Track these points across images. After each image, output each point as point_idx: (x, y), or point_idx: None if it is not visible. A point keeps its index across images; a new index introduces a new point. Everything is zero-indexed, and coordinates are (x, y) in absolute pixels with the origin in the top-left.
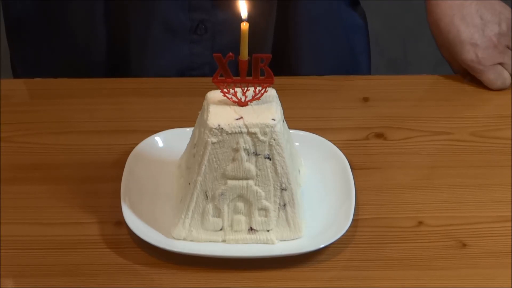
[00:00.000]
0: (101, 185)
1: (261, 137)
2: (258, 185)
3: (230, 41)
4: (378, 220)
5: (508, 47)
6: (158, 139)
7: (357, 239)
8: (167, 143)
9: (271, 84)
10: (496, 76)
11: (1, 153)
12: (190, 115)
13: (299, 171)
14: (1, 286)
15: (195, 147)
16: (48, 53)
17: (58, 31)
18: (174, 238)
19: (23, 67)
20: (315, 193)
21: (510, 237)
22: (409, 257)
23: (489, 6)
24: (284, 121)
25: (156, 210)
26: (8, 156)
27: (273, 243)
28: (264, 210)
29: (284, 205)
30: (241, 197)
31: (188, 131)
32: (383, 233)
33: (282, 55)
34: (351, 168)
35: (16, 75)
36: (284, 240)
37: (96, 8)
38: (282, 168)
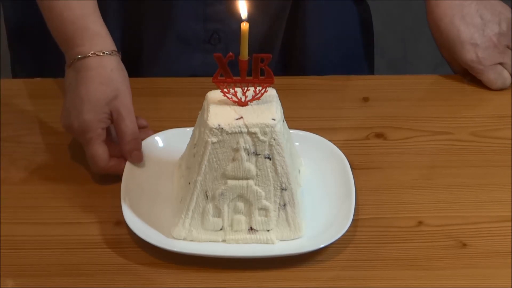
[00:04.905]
0: (101, 185)
1: (261, 137)
2: (258, 185)
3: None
4: (378, 220)
5: (508, 47)
6: (158, 139)
7: (357, 239)
8: (167, 143)
9: (271, 84)
10: (496, 76)
11: (1, 153)
12: (190, 115)
13: (299, 171)
14: (1, 286)
15: (195, 147)
16: (53, 61)
17: None
18: (174, 238)
19: (25, 73)
20: (315, 193)
21: (510, 237)
22: (409, 257)
23: (489, 6)
24: (284, 121)
25: (156, 210)
26: (8, 156)
27: (273, 243)
28: (264, 210)
29: (284, 205)
30: (241, 197)
31: (188, 131)
32: (383, 233)
33: (290, 55)
34: (351, 168)
35: (15, 76)
36: (284, 240)
37: (110, 15)
38: (282, 168)
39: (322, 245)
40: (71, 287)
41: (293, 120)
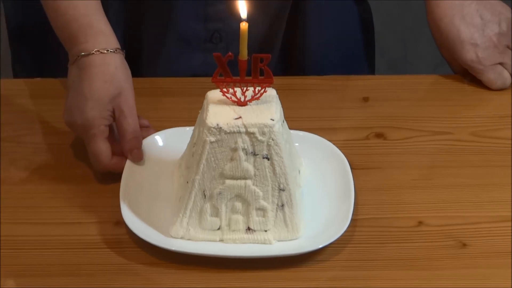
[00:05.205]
0: (101, 184)
1: (260, 137)
2: (256, 185)
3: None
4: (378, 220)
5: (508, 47)
6: (158, 139)
7: (357, 239)
8: (167, 143)
9: (270, 84)
10: (496, 76)
11: (1, 153)
12: (190, 115)
13: (299, 171)
14: (1, 286)
15: (194, 146)
16: (53, 61)
17: None
18: (172, 236)
19: (25, 72)
20: (315, 193)
21: (510, 237)
22: (409, 257)
23: (489, 6)
24: (284, 121)
25: (155, 209)
26: (8, 156)
27: (270, 243)
28: (262, 210)
29: (282, 205)
30: (239, 196)
31: (188, 130)
32: (383, 233)
33: (291, 55)
34: (351, 168)
35: (16, 76)
36: (282, 241)
37: (111, 15)
38: (281, 168)
39: (320, 246)
40: (71, 287)
41: (293, 120)
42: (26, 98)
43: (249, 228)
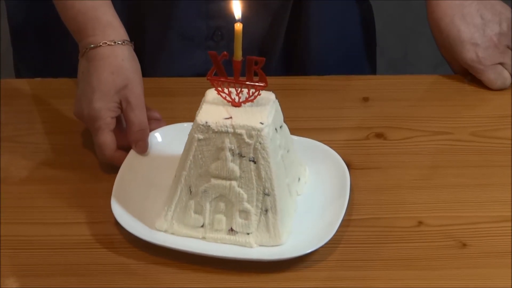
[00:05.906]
0: (101, 184)
1: (247, 139)
2: (241, 187)
3: (245, 47)
4: (378, 220)
5: (508, 47)
6: (157, 135)
7: (357, 239)
8: (165, 138)
9: (264, 87)
10: (496, 76)
11: (1, 153)
12: (191, 114)
13: (299, 179)
14: (1, 286)
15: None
16: (55, 60)
17: (66, 37)
18: (156, 229)
19: (27, 71)
20: (311, 200)
21: (510, 237)
22: (409, 257)
23: (489, 6)
24: (283, 127)
25: (148, 204)
26: (8, 156)
27: (251, 247)
28: (245, 212)
29: (266, 210)
30: (223, 196)
31: (186, 125)
32: (383, 233)
33: (293, 54)
34: (351, 168)
35: (19, 75)
36: (264, 246)
37: None
38: (266, 173)
39: (307, 251)
40: (71, 287)
41: (294, 120)
42: (26, 98)
43: (231, 229)
